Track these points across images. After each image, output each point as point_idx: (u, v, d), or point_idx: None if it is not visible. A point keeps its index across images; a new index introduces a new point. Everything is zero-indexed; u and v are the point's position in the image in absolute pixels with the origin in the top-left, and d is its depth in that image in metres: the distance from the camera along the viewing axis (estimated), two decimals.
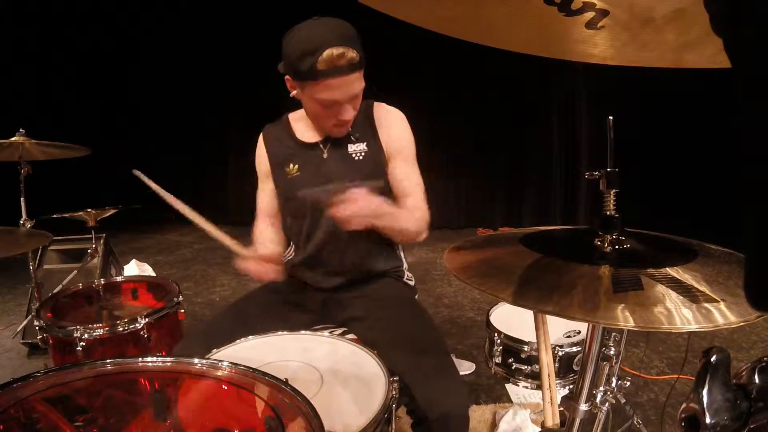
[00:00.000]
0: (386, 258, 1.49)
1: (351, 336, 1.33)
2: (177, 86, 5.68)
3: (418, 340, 1.25)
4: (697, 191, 4.20)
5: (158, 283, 1.93)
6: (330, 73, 1.19)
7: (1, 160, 2.12)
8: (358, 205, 1.15)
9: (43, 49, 5.44)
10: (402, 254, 1.56)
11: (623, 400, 1.07)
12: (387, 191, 1.42)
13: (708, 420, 0.49)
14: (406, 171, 1.40)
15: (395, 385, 1.01)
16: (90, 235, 2.57)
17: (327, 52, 1.16)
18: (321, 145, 1.42)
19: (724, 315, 0.62)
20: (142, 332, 1.58)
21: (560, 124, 5.12)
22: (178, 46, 5.61)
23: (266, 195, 1.52)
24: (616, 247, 0.82)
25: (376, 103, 1.45)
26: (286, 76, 1.31)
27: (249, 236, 1.47)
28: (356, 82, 1.26)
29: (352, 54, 1.18)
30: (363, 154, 1.39)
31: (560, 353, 1.46)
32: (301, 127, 1.46)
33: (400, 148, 1.40)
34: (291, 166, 1.44)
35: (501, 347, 1.55)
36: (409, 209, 1.38)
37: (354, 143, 1.40)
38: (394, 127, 1.42)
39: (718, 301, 0.64)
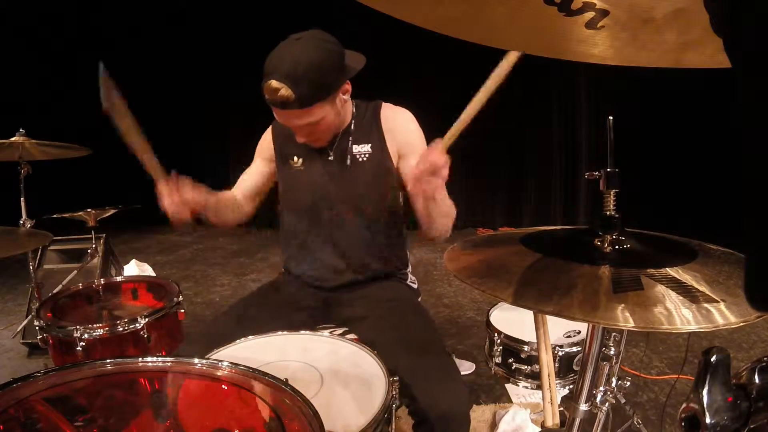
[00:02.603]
0: (390, 259, 1.49)
1: (351, 336, 1.33)
2: (177, 86, 5.68)
3: (420, 341, 1.25)
4: (697, 191, 4.20)
5: (158, 283, 1.93)
6: (270, 102, 1.23)
7: (1, 160, 2.12)
8: (434, 156, 1.10)
9: (43, 50, 5.44)
10: (407, 256, 1.56)
11: (623, 400, 1.07)
12: (392, 192, 1.43)
13: (708, 420, 0.49)
14: None
15: (395, 385, 1.01)
16: (90, 235, 2.57)
17: (267, 84, 1.19)
18: (327, 145, 1.42)
19: (724, 315, 0.62)
20: (142, 332, 1.58)
21: (560, 124, 5.12)
22: (178, 46, 5.61)
23: (250, 172, 1.55)
24: (616, 247, 0.82)
25: (384, 104, 1.45)
26: None
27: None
28: (296, 117, 1.25)
29: (286, 93, 1.18)
30: (367, 155, 1.39)
31: (560, 353, 1.46)
32: None
33: (413, 145, 1.40)
34: (295, 159, 1.45)
35: (501, 347, 1.55)
36: None
37: (357, 144, 1.40)
38: (403, 127, 1.42)
39: (718, 302, 0.64)
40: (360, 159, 1.39)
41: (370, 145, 1.40)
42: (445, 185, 1.29)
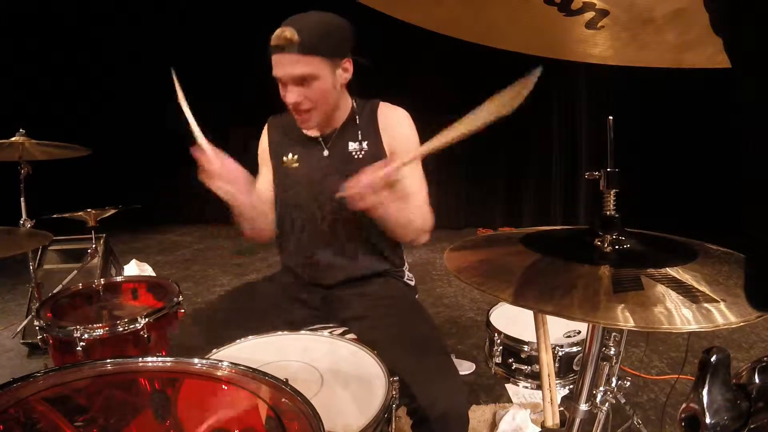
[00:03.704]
0: (385, 256, 1.49)
1: (351, 336, 1.33)
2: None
3: (419, 340, 1.25)
4: (697, 191, 4.20)
5: (158, 283, 1.93)
6: (273, 50, 1.25)
7: (1, 160, 2.12)
8: (368, 179, 1.09)
9: (43, 49, 5.44)
10: (403, 254, 1.56)
11: (623, 400, 1.07)
12: None
13: (708, 420, 0.49)
14: (408, 170, 1.40)
15: (395, 385, 1.01)
16: (90, 235, 2.56)
17: (278, 30, 1.22)
18: (322, 141, 1.43)
19: (724, 315, 0.62)
20: (142, 332, 1.58)
21: (560, 124, 5.12)
22: (178, 46, 5.61)
23: (262, 182, 1.53)
24: (616, 247, 0.82)
25: (381, 103, 1.45)
26: None
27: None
28: (294, 63, 1.24)
29: (293, 35, 1.20)
30: (363, 152, 1.40)
31: (560, 353, 1.46)
32: None
33: (403, 147, 1.40)
34: (290, 156, 1.45)
35: (501, 347, 1.55)
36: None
37: (354, 141, 1.40)
38: (397, 126, 1.42)
39: (718, 301, 0.64)
40: (356, 156, 1.40)
41: (366, 142, 1.40)
42: (420, 198, 1.35)
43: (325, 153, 1.42)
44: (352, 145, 1.40)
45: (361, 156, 1.40)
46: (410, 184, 1.39)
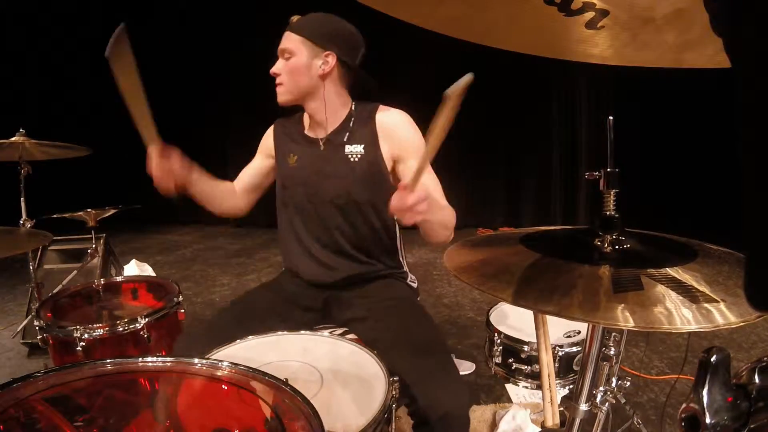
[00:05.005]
0: (381, 258, 1.49)
1: (351, 336, 1.33)
2: (176, 86, 5.68)
3: (420, 341, 1.25)
4: (697, 191, 4.20)
5: (158, 283, 1.93)
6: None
7: (1, 160, 2.12)
8: (407, 199, 1.04)
9: (43, 49, 5.44)
10: (401, 256, 1.56)
11: (623, 400, 1.06)
12: (385, 196, 1.43)
13: (708, 420, 0.49)
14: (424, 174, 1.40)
15: (395, 385, 1.01)
16: (90, 235, 2.56)
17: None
18: (321, 141, 1.45)
19: (724, 315, 0.62)
20: (142, 332, 1.58)
21: (560, 124, 5.12)
22: (178, 46, 5.61)
23: (250, 167, 1.60)
24: (616, 247, 0.82)
25: (380, 107, 1.45)
26: None
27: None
28: (288, 40, 1.38)
29: (294, 18, 1.39)
30: (359, 156, 1.41)
31: (560, 353, 1.46)
32: (309, 123, 1.51)
33: (410, 147, 1.40)
34: (291, 156, 1.49)
35: (501, 347, 1.55)
36: None
37: (351, 144, 1.41)
38: (399, 130, 1.42)
39: (718, 301, 0.64)
40: (352, 159, 1.41)
41: (363, 146, 1.41)
42: (440, 196, 1.35)
43: (322, 151, 1.44)
44: (348, 148, 1.41)
45: (357, 159, 1.40)
46: (425, 183, 1.39)
